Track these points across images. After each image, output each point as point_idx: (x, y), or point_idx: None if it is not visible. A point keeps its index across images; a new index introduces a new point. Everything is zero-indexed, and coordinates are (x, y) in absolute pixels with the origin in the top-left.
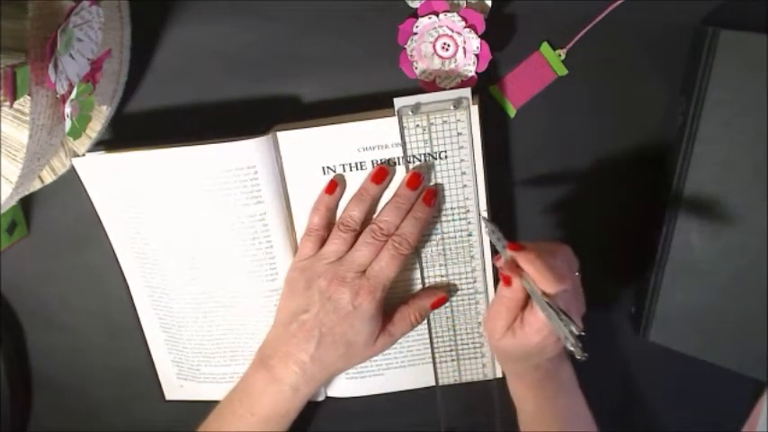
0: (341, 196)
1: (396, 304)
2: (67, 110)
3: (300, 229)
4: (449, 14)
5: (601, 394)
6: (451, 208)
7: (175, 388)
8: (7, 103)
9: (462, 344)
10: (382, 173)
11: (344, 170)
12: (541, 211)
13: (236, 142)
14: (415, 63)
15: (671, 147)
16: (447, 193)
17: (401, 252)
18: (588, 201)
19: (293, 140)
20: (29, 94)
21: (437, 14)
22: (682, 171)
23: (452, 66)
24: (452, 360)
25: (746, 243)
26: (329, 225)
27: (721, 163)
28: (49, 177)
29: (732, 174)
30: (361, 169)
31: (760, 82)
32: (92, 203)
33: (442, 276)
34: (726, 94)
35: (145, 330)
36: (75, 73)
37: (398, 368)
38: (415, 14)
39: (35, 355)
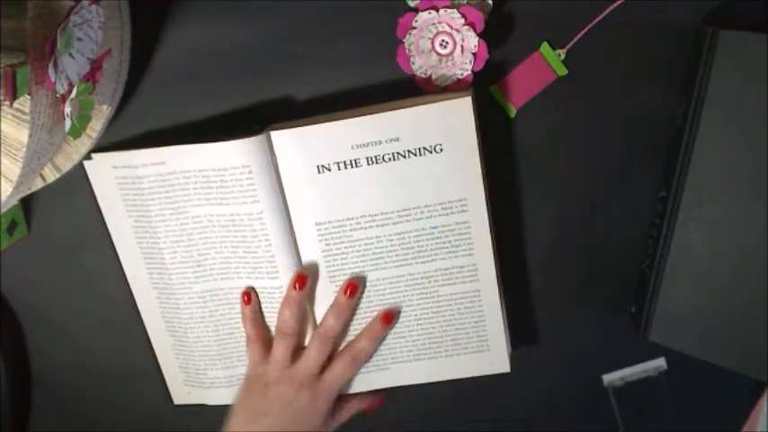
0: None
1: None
2: (67, 109)
3: (299, 227)
4: (449, 10)
5: (600, 394)
6: (449, 201)
7: (183, 394)
8: (7, 103)
9: (464, 339)
10: (301, 279)
11: (339, 168)
12: (541, 211)
13: (230, 142)
14: (412, 58)
15: (671, 147)
16: (445, 187)
17: (358, 363)
18: (588, 200)
19: (287, 140)
20: (29, 94)
21: (437, 10)
22: (681, 171)
23: (449, 63)
24: (456, 355)
25: (746, 243)
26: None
27: (721, 163)
28: (51, 175)
29: (732, 174)
30: (356, 166)
31: (760, 82)
32: (95, 204)
33: (437, 270)
34: (726, 94)
35: (150, 336)
36: (75, 72)
37: (404, 362)
38: (414, 10)
39: (35, 355)
